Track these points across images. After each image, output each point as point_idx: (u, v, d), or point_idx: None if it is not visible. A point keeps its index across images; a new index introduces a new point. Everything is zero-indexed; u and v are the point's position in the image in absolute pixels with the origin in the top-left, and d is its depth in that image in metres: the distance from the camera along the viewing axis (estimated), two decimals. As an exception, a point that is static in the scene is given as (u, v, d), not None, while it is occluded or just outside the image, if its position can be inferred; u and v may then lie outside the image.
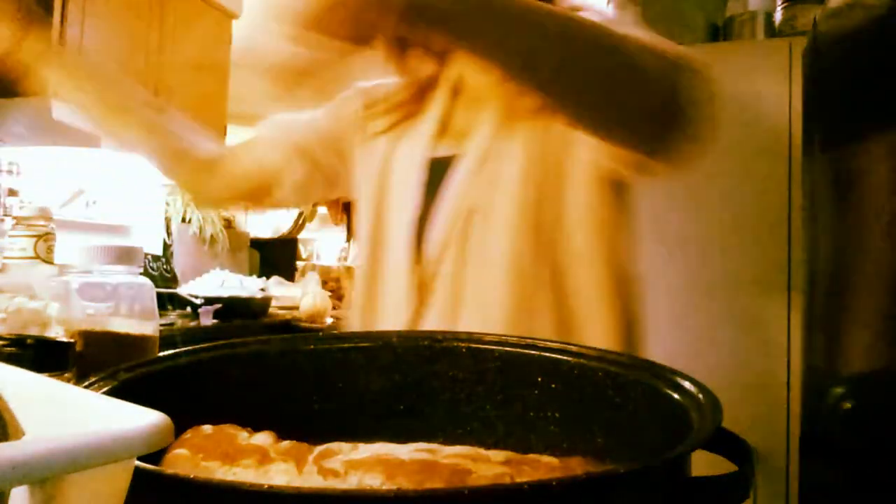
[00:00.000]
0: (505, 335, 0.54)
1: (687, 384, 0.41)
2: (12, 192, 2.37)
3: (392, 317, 0.91)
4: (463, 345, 0.54)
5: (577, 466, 0.40)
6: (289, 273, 4.13)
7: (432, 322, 0.88)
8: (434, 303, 0.88)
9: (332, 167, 1.03)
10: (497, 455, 0.41)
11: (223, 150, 1.07)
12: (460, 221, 0.87)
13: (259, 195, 1.05)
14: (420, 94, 0.97)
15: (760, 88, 2.03)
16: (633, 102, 0.69)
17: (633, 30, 0.73)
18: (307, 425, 0.48)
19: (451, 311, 0.87)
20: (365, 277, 0.95)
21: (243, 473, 0.40)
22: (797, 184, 1.94)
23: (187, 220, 3.36)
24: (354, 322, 0.96)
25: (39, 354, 0.50)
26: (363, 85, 1.04)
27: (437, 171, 0.93)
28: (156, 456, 0.41)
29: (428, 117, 0.96)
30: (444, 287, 0.88)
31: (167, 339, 0.66)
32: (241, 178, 1.04)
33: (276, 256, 4.24)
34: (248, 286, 3.04)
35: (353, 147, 1.02)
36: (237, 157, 1.05)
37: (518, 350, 0.52)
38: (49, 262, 0.70)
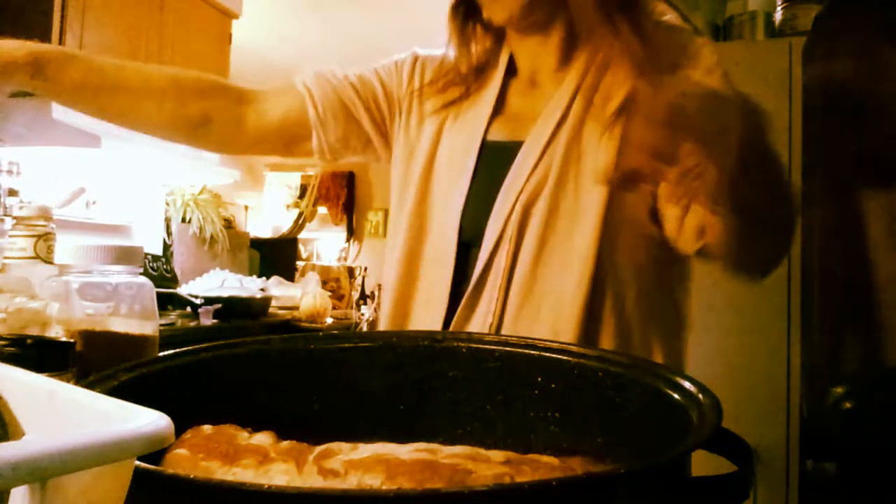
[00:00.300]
0: (505, 335, 0.54)
1: (687, 384, 0.41)
2: (12, 192, 2.37)
3: (428, 309, 0.85)
4: (463, 345, 0.54)
5: (577, 466, 0.40)
6: (289, 273, 4.13)
7: (479, 321, 0.81)
8: (482, 300, 0.81)
9: (370, 133, 0.96)
10: (497, 455, 0.41)
11: (258, 89, 0.98)
12: (518, 214, 0.80)
13: (291, 144, 0.97)
14: (478, 72, 0.91)
15: (760, 88, 2.04)
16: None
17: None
18: (307, 425, 0.48)
19: (507, 311, 0.80)
20: (401, 263, 0.87)
21: (243, 473, 0.40)
22: (797, 183, 1.94)
23: (187, 220, 3.36)
24: (386, 306, 0.89)
25: (39, 354, 0.50)
26: (420, 51, 0.98)
27: (492, 156, 0.86)
28: (156, 456, 0.41)
29: (485, 99, 0.89)
30: (495, 284, 0.80)
31: (167, 339, 0.66)
32: (276, 122, 0.95)
33: (276, 256, 4.24)
34: (248, 286, 3.04)
35: (401, 120, 0.95)
36: (275, 100, 0.96)
37: (518, 350, 0.52)
38: (49, 262, 0.70)
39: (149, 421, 0.25)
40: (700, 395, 0.39)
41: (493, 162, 0.85)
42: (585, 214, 0.78)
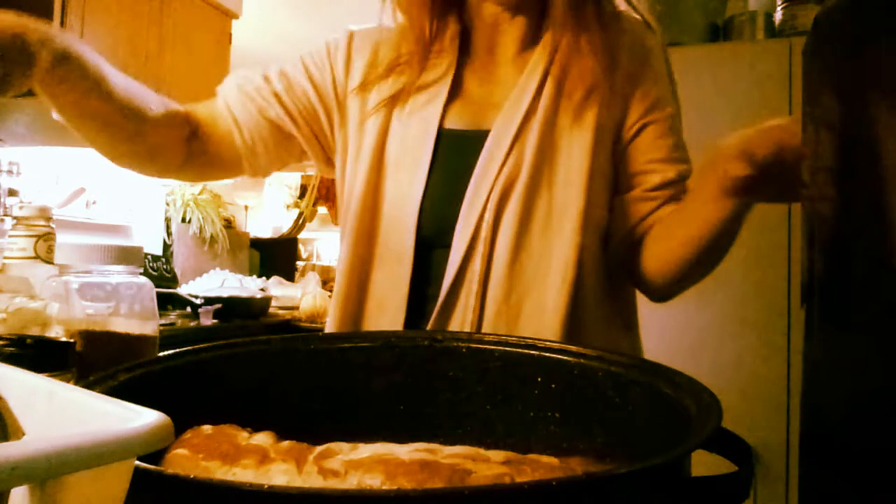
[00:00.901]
0: (505, 335, 0.54)
1: (686, 384, 0.41)
2: (12, 192, 2.37)
3: (383, 315, 0.77)
4: (463, 345, 0.54)
5: (577, 466, 0.40)
6: (289, 273, 4.13)
7: (456, 325, 0.75)
8: (457, 308, 0.74)
9: (304, 145, 0.86)
10: (497, 455, 0.41)
11: (177, 107, 0.86)
12: (492, 212, 0.74)
13: (227, 170, 0.88)
14: (424, 51, 0.81)
15: (760, 88, 2.03)
16: None
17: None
18: (307, 425, 0.48)
19: (484, 320, 0.74)
20: (348, 272, 0.79)
21: (243, 473, 0.40)
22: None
23: (187, 220, 3.36)
24: (331, 320, 0.81)
25: (39, 354, 0.50)
26: (355, 28, 0.88)
27: (451, 146, 0.78)
28: (156, 456, 0.41)
29: (437, 82, 0.80)
30: (470, 290, 0.74)
31: (167, 339, 0.66)
32: (212, 153, 0.85)
33: (276, 256, 4.24)
34: (248, 286, 3.04)
35: (340, 119, 0.84)
36: (208, 129, 0.85)
37: (518, 350, 0.52)
38: (49, 262, 0.70)
39: (149, 421, 0.25)
40: (700, 395, 0.39)
41: (454, 152, 0.77)
42: (564, 212, 0.74)
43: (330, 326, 0.82)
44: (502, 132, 0.75)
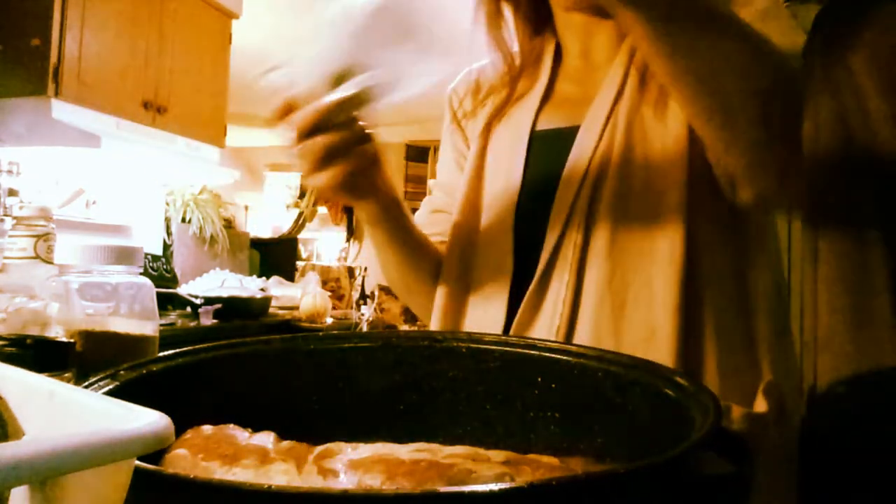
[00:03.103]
0: (505, 336, 0.54)
1: (687, 384, 0.41)
2: (12, 192, 2.37)
3: (485, 318, 0.76)
4: (463, 345, 0.54)
5: (576, 466, 0.40)
6: (289, 273, 4.14)
7: (544, 325, 0.71)
8: (546, 300, 0.72)
9: None
10: (497, 455, 0.41)
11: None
12: (585, 199, 0.72)
13: None
14: (518, 71, 0.84)
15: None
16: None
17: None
18: (307, 425, 0.48)
19: (583, 310, 0.70)
20: (451, 276, 0.80)
21: (243, 473, 0.40)
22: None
23: (187, 220, 3.37)
24: (438, 318, 0.82)
25: (39, 354, 0.50)
26: (474, 66, 0.91)
27: (544, 145, 0.79)
28: (156, 456, 0.41)
29: (532, 91, 0.83)
30: (561, 280, 0.71)
31: (167, 339, 0.66)
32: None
33: (276, 256, 4.25)
34: (248, 286, 3.05)
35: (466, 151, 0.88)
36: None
37: (518, 350, 0.52)
38: (49, 262, 0.70)
39: (149, 421, 0.25)
40: (700, 395, 0.39)
41: (546, 150, 0.78)
42: (664, 187, 0.69)
43: (434, 324, 0.82)
44: (592, 122, 0.75)
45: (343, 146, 0.64)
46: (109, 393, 0.43)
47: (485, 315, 0.76)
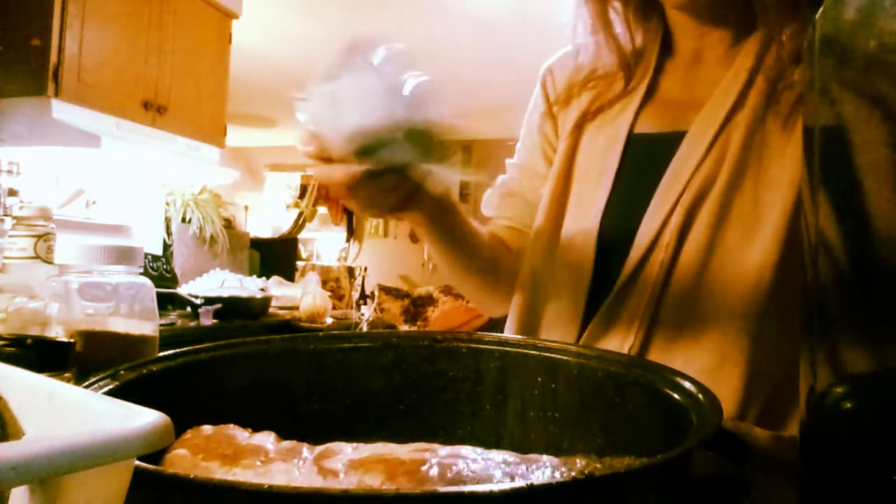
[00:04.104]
0: (505, 336, 0.54)
1: (687, 384, 0.41)
2: (12, 192, 2.37)
3: (559, 327, 0.73)
4: (463, 345, 0.54)
5: (576, 466, 0.40)
6: (289, 273, 4.14)
7: (615, 342, 0.68)
8: (622, 317, 0.68)
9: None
10: (497, 455, 0.41)
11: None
12: (680, 216, 0.66)
13: None
14: (622, 62, 0.78)
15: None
16: None
17: None
18: (307, 425, 0.48)
19: (657, 333, 0.67)
20: (528, 280, 0.77)
21: (243, 473, 0.40)
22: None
23: (187, 220, 3.37)
24: (512, 326, 0.80)
25: (39, 354, 0.50)
26: (551, 62, 0.86)
27: (641, 151, 0.73)
28: (156, 456, 0.41)
29: (634, 89, 0.76)
30: (640, 299, 0.67)
31: (167, 339, 0.66)
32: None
33: (276, 256, 4.25)
34: (248, 286, 3.05)
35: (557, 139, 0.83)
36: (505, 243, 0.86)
37: (518, 350, 0.52)
38: (49, 262, 0.70)
39: (149, 421, 0.25)
40: (700, 395, 0.39)
41: (643, 157, 0.72)
42: (766, 219, 0.64)
43: (509, 328, 0.80)
44: (701, 131, 0.68)
45: (387, 187, 0.61)
46: (109, 393, 0.43)
47: (559, 324, 0.73)
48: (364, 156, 0.57)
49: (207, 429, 0.45)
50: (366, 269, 4.54)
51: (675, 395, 0.41)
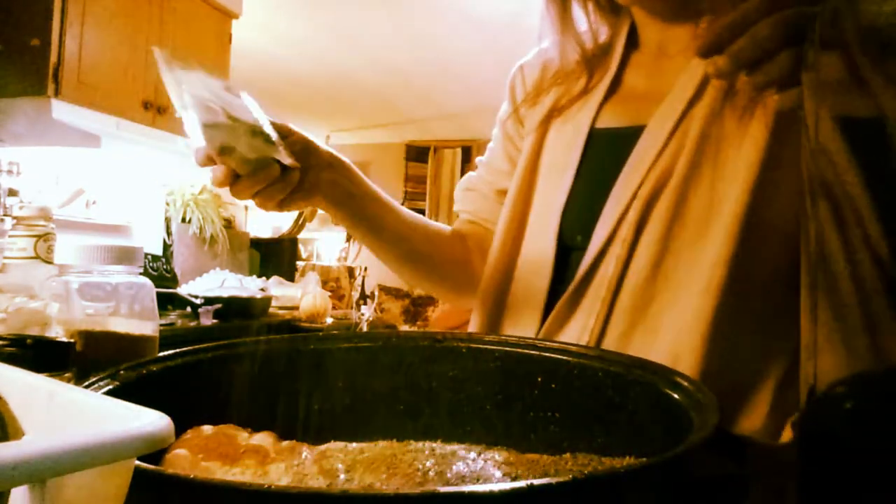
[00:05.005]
0: (505, 336, 0.54)
1: (686, 384, 0.41)
2: (12, 192, 2.37)
3: (519, 321, 0.74)
4: (463, 345, 0.54)
5: (577, 466, 0.40)
6: (289, 273, 4.14)
7: (571, 337, 0.68)
8: (578, 311, 0.69)
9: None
10: (497, 455, 0.41)
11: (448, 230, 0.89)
12: (637, 211, 0.66)
13: None
14: (585, 59, 0.78)
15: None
16: None
17: None
18: (307, 425, 0.48)
19: (611, 328, 0.67)
20: (492, 274, 0.78)
21: (243, 474, 0.40)
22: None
23: (187, 220, 3.37)
24: (475, 323, 0.80)
25: (39, 354, 0.50)
26: (524, 60, 0.87)
27: (601, 146, 0.73)
28: (156, 456, 0.41)
29: (598, 84, 0.76)
30: (597, 294, 0.67)
31: (167, 339, 0.66)
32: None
33: (276, 256, 4.25)
34: (248, 286, 3.05)
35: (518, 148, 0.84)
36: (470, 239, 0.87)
37: (518, 350, 0.52)
38: (49, 262, 0.70)
39: (149, 421, 0.25)
40: (700, 395, 0.39)
41: (604, 152, 0.72)
42: (721, 213, 0.63)
43: (472, 327, 0.81)
44: (660, 124, 0.68)
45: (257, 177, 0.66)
46: (109, 393, 0.43)
47: (519, 319, 0.74)
48: (225, 153, 0.64)
49: (207, 429, 0.45)
50: (366, 269, 4.54)
51: (675, 395, 0.41)
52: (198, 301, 2.71)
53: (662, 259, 0.65)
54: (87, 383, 0.43)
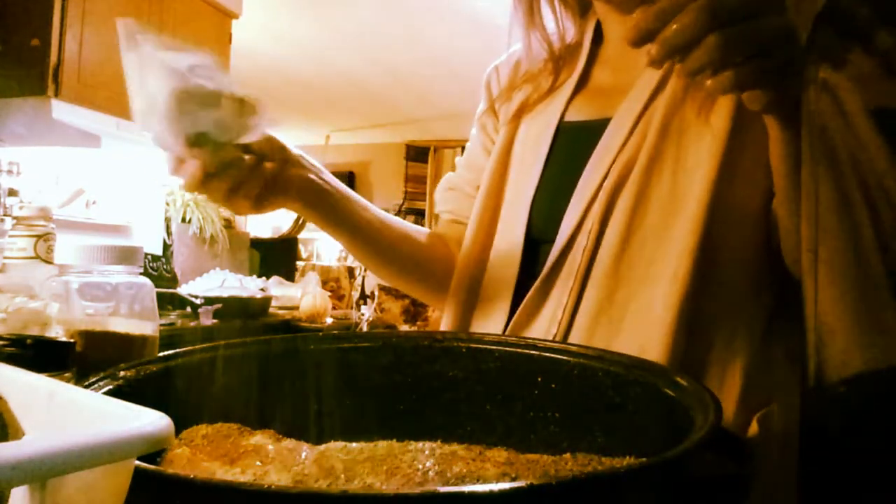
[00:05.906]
0: (505, 336, 0.54)
1: (687, 384, 0.41)
2: (12, 192, 2.37)
3: (490, 313, 0.75)
4: (463, 345, 0.54)
5: (577, 466, 0.40)
6: (289, 273, 4.14)
7: (541, 328, 0.69)
8: (547, 303, 0.69)
9: None
10: (497, 455, 0.41)
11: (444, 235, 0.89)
12: (602, 203, 0.67)
13: None
14: (554, 58, 0.80)
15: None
16: None
17: None
18: (307, 425, 0.48)
19: (579, 318, 0.67)
20: (464, 267, 0.79)
21: (243, 474, 0.40)
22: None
23: (187, 220, 3.37)
24: (448, 317, 0.80)
25: (39, 354, 0.50)
26: (499, 61, 0.89)
27: (569, 139, 0.75)
28: (156, 456, 0.41)
29: (567, 80, 0.78)
30: (565, 285, 0.68)
31: (167, 339, 0.66)
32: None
33: (276, 256, 4.25)
34: (248, 286, 3.05)
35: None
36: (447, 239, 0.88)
37: (518, 350, 0.52)
38: (49, 262, 0.70)
39: (149, 421, 0.25)
40: (700, 396, 0.39)
41: (572, 145, 0.74)
42: (685, 202, 0.64)
43: (444, 323, 0.82)
44: (624, 116, 0.69)
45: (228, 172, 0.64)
46: (109, 393, 0.43)
47: (489, 311, 0.75)
48: (196, 144, 0.61)
49: (207, 429, 0.45)
50: (366, 269, 4.54)
51: (676, 396, 0.41)
52: (198, 301, 2.71)
53: (627, 249, 0.66)
54: (87, 383, 0.43)
